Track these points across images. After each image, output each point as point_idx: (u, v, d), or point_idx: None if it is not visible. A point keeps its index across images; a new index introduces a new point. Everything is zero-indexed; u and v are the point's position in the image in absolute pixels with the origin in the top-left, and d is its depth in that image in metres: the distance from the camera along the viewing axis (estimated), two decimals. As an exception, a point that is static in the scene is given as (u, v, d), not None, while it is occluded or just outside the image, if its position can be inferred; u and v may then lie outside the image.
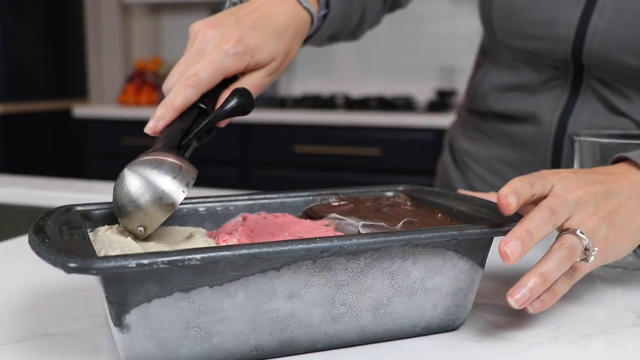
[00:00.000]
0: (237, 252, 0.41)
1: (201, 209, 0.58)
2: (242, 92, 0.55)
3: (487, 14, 0.86)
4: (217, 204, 0.58)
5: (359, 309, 0.46)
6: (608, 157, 0.61)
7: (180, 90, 0.55)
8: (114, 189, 0.50)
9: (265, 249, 0.41)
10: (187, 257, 0.39)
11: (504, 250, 0.45)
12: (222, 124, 0.58)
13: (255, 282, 0.43)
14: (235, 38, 0.58)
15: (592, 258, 0.49)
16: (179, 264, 0.39)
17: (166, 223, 0.56)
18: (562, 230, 0.50)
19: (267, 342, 0.45)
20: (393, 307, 0.47)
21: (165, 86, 0.60)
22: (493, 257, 0.55)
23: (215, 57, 0.57)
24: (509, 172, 0.89)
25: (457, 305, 0.50)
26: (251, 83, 0.61)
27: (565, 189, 0.50)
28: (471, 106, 0.95)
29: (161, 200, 0.48)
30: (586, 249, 0.49)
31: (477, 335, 0.49)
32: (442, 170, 1.04)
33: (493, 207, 0.51)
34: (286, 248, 0.42)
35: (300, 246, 0.42)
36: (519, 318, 0.53)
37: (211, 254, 0.40)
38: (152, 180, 0.48)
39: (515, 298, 0.46)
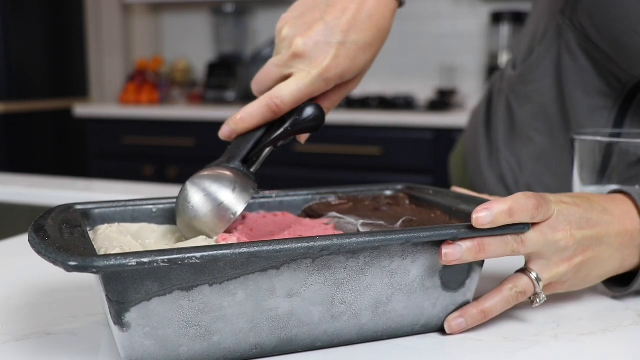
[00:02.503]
0: (237, 251, 0.41)
1: None
2: (315, 107, 0.56)
3: None
4: None
5: (358, 308, 0.46)
6: (608, 156, 0.61)
7: (263, 110, 0.56)
8: (177, 202, 0.53)
9: (265, 248, 0.41)
10: (187, 255, 0.40)
11: (442, 250, 0.47)
12: (302, 139, 0.60)
13: (255, 280, 0.43)
14: (325, 64, 0.56)
15: (538, 302, 0.51)
16: (179, 263, 0.39)
17: (165, 222, 0.56)
18: (522, 269, 0.51)
19: (267, 340, 0.45)
20: (392, 305, 0.47)
21: (253, 85, 0.60)
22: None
23: (304, 82, 0.56)
24: (543, 173, 0.85)
25: (456, 304, 0.50)
26: (331, 102, 0.61)
27: (555, 227, 0.50)
28: (518, 85, 0.88)
29: (221, 211, 0.51)
30: (536, 294, 0.51)
31: (477, 334, 0.49)
32: (472, 134, 0.99)
33: None
34: (286, 247, 0.42)
35: (299, 245, 0.42)
36: (519, 317, 0.53)
37: (211, 253, 0.40)
38: (212, 193, 0.52)
39: (451, 325, 0.49)
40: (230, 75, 2.86)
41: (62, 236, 0.44)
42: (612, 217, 0.53)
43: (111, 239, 0.48)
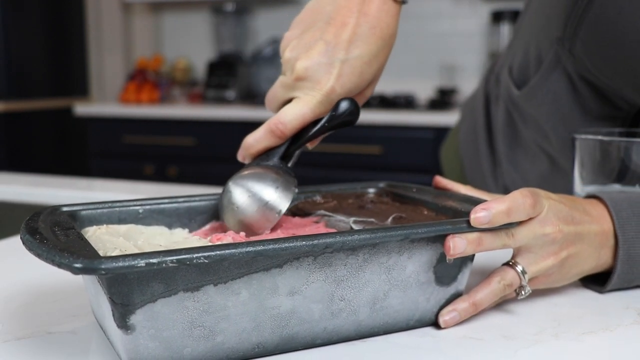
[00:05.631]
0: (244, 250, 0.41)
1: (184, 207, 0.57)
2: (350, 102, 0.56)
3: (573, 20, 0.71)
4: (203, 202, 0.58)
5: (357, 304, 0.47)
6: (608, 155, 0.61)
7: (268, 136, 0.57)
8: (220, 201, 0.55)
9: (271, 246, 0.41)
10: (195, 255, 0.39)
11: (449, 243, 0.48)
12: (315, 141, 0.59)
13: (259, 279, 0.43)
14: (329, 85, 0.55)
15: (523, 294, 0.52)
16: (187, 263, 0.39)
17: (153, 223, 0.55)
18: (509, 262, 0.52)
19: (269, 339, 0.45)
20: (389, 301, 0.48)
21: (266, 102, 0.61)
22: (492, 254, 0.55)
23: (308, 106, 0.56)
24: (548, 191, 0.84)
25: (448, 298, 0.51)
26: None
27: (544, 222, 0.52)
28: (520, 104, 0.85)
29: (266, 210, 0.53)
30: (521, 286, 0.52)
31: (478, 333, 0.49)
32: (471, 137, 0.97)
33: (477, 202, 0.52)
34: (291, 245, 0.42)
35: (303, 242, 0.42)
36: (519, 315, 0.53)
37: (218, 252, 0.40)
38: (256, 193, 0.53)
39: (445, 319, 0.50)
40: (230, 74, 2.86)
41: (58, 238, 0.43)
42: (591, 218, 0.55)
43: (103, 240, 0.48)
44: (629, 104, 0.73)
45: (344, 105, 0.55)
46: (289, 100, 0.58)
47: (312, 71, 0.56)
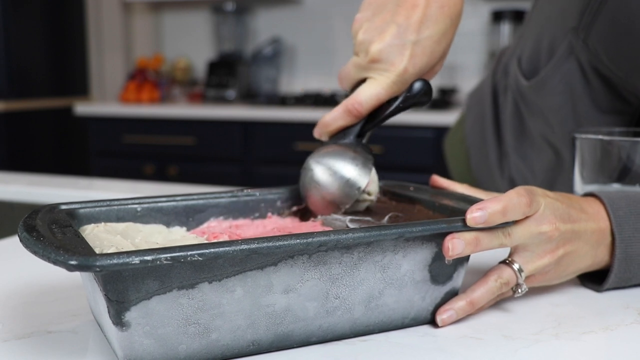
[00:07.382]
0: (238, 248, 0.41)
1: (181, 205, 0.57)
2: (423, 83, 0.59)
3: (590, 10, 0.72)
4: (201, 200, 0.58)
5: (352, 302, 0.47)
6: (609, 154, 0.61)
7: (344, 115, 0.60)
8: (302, 179, 0.57)
9: (265, 244, 0.42)
10: (189, 253, 0.40)
11: (447, 244, 0.48)
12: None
13: (253, 277, 0.43)
14: (402, 66, 0.58)
15: (519, 293, 0.53)
16: (182, 260, 0.39)
17: (150, 221, 0.55)
18: (506, 260, 0.53)
19: (264, 336, 0.45)
20: (384, 299, 0.48)
21: (338, 80, 0.64)
22: (488, 253, 0.55)
23: (382, 86, 0.59)
24: (553, 183, 0.84)
25: (444, 297, 0.51)
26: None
27: (541, 220, 0.52)
28: (528, 95, 0.85)
29: (347, 187, 0.55)
30: (518, 284, 0.52)
31: (478, 332, 0.49)
32: (479, 127, 0.97)
33: (474, 201, 0.52)
34: (285, 243, 0.42)
35: (298, 241, 0.43)
36: (519, 315, 0.53)
37: (212, 250, 0.40)
38: (337, 171, 0.56)
39: (442, 318, 0.51)
40: (230, 73, 2.86)
41: (55, 236, 0.43)
42: (588, 216, 0.55)
43: (101, 238, 0.48)
44: (639, 99, 0.73)
45: (417, 86, 0.58)
46: (362, 80, 0.60)
47: (386, 53, 0.58)
